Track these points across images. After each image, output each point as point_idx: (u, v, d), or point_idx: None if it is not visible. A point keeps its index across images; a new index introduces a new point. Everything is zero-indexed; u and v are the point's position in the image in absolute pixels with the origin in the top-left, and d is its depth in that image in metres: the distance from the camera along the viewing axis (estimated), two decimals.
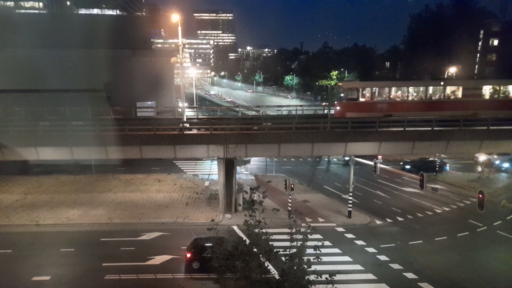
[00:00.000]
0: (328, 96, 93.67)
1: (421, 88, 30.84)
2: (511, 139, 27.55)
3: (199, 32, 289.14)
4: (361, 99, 30.36)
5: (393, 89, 30.82)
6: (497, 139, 27.50)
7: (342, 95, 31.19)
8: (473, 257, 22.86)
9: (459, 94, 30.39)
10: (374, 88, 30.84)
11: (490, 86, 30.84)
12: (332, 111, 33.05)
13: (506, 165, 42.04)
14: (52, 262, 21.77)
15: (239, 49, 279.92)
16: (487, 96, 30.59)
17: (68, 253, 22.93)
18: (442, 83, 31.22)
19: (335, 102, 33.27)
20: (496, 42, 74.23)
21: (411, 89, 30.74)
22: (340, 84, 33.45)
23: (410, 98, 30.63)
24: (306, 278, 10.51)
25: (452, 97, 30.60)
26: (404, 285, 19.87)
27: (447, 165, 42.19)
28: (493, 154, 39.74)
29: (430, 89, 30.83)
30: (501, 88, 30.57)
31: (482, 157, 38.79)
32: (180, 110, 38.06)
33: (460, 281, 20.26)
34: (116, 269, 20.93)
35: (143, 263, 21.78)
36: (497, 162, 42.42)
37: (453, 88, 30.81)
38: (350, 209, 28.94)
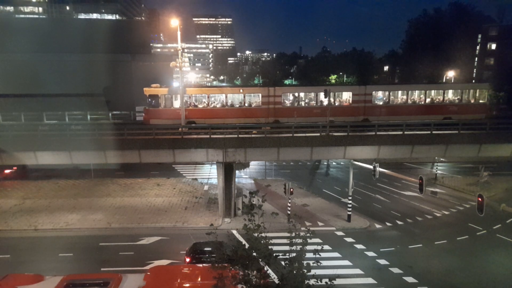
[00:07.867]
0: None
1: (222, 96, 31.79)
2: (510, 142, 27.66)
3: (198, 36, 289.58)
4: (163, 106, 30.20)
5: (194, 96, 31.02)
6: (496, 142, 27.60)
7: (150, 100, 30.74)
8: (473, 261, 22.81)
9: (260, 102, 31.90)
10: (172, 95, 30.51)
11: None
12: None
13: None
14: (50, 267, 21.57)
15: (238, 54, 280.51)
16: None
17: (67, 258, 22.83)
18: (241, 90, 32.46)
19: (143, 109, 32.71)
20: (494, 46, 74.75)
21: (212, 96, 31.47)
22: (145, 89, 32.11)
23: (212, 105, 31.30)
24: (305, 283, 10.47)
25: (254, 104, 32.08)
26: None
27: None
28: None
29: (230, 96, 31.98)
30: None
31: None
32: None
33: (460, 285, 20.21)
34: None
35: (142, 267, 21.59)
36: None
37: (255, 96, 32.11)
38: (349, 213, 28.89)
